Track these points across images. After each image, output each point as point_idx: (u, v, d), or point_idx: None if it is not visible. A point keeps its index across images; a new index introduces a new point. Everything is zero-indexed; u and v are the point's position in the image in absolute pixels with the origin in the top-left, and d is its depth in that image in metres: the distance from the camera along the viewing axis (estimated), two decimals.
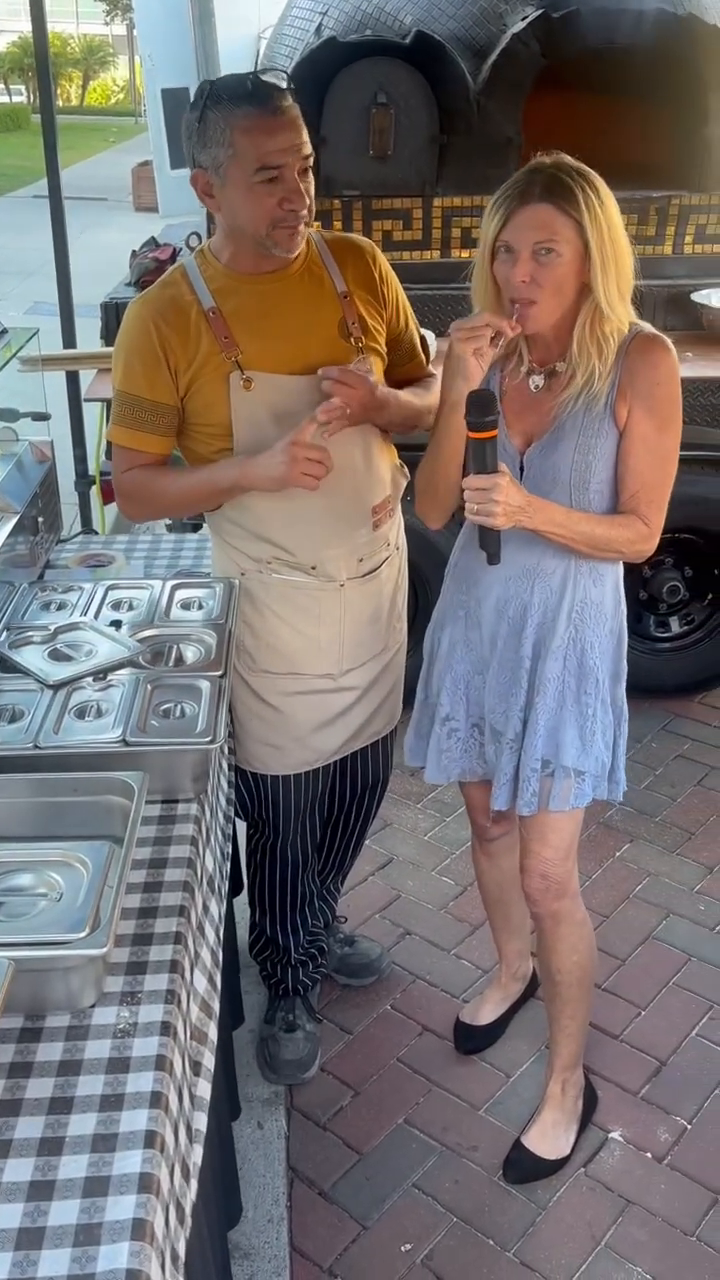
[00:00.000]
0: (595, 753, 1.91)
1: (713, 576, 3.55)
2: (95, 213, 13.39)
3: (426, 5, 3.55)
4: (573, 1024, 2.14)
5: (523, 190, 1.66)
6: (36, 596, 2.06)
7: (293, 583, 1.99)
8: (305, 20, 3.90)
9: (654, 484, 1.78)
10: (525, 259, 1.66)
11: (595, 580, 1.87)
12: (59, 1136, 1.09)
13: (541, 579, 1.86)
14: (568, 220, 1.64)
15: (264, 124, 1.70)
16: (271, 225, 1.77)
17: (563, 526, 1.74)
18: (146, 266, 3.74)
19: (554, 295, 1.68)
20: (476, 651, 1.97)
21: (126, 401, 1.89)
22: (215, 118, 1.72)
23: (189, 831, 1.55)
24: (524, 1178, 2.13)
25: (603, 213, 1.66)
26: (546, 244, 1.64)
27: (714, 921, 2.77)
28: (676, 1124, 2.24)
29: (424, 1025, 2.48)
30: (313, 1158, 2.18)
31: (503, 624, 1.91)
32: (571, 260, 1.66)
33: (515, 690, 1.91)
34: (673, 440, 1.78)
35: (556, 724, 1.89)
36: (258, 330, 1.86)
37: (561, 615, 1.86)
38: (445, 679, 2.01)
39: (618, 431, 1.76)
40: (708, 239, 3.71)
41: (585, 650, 1.88)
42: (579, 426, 1.76)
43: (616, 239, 1.68)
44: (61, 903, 1.31)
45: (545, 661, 1.87)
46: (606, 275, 1.67)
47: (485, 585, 1.91)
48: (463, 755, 2.06)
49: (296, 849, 2.25)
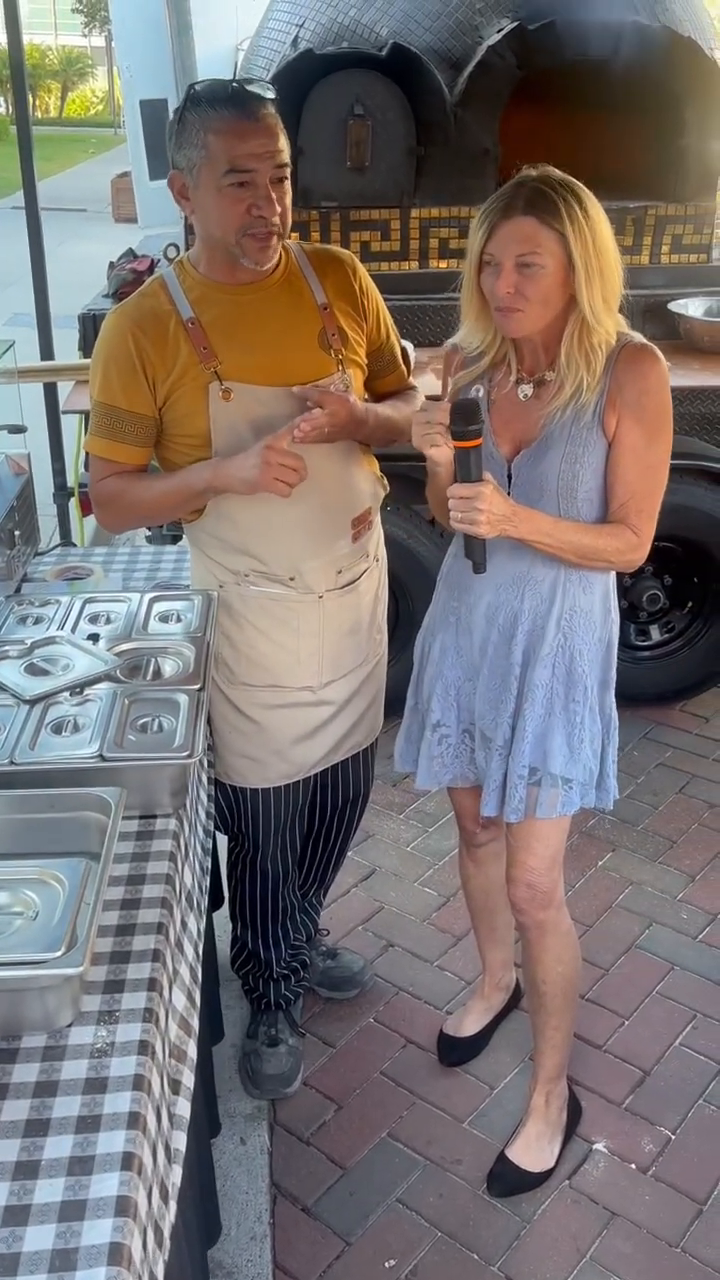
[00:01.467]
0: (583, 760, 1.92)
1: (693, 585, 3.56)
2: (74, 224, 13.38)
3: (402, 18, 3.56)
4: (557, 1035, 2.13)
5: (507, 203, 1.67)
6: (13, 610, 2.04)
7: (271, 595, 1.98)
8: (282, 32, 3.91)
9: (643, 493, 1.78)
10: (508, 271, 1.67)
11: (585, 588, 1.87)
12: (34, 1160, 1.08)
13: (531, 586, 1.86)
14: (551, 233, 1.64)
15: (237, 127, 1.70)
16: (240, 232, 1.76)
17: (550, 536, 1.74)
18: (124, 278, 3.74)
19: (539, 306, 1.69)
20: (467, 658, 1.98)
21: (104, 412, 1.88)
22: (193, 119, 1.73)
23: (167, 847, 1.53)
24: (508, 1191, 2.12)
25: (587, 225, 1.65)
26: (528, 256, 1.65)
27: (696, 930, 2.77)
28: (661, 1134, 2.23)
29: (407, 1038, 2.46)
30: (296, 1173, 2.16)
31: (493, 630, 1.91)
32: (555, 272, 1.67)
33: (505, 697, 1.91)
34: (662, 450, 1.78)
35: (544, 731, 1.90)
36: (237, 341, 1.85)
37: (551, 622, 1.86)
38: (436, 685, 2.02)
39: (606, 441, 1.76)
40: (684, 249, 3.74)
41: (574, 658, 1.88)
42: (567, 436, 1.77)
43: (603, 251, 1.68)
44: (37, 921, 1.30)
45: (534, 669, 1.88)
46: (591, 287, 1.67)
47: (476, 592, 1.92)
48: (453, 761, 2.06)
49: (277, 862, 2.23)
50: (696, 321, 3.51)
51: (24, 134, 3.73)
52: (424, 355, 3.33)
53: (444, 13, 3.54)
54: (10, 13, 3.57)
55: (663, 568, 3.53)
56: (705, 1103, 2.29)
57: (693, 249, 3.74)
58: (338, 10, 3.71)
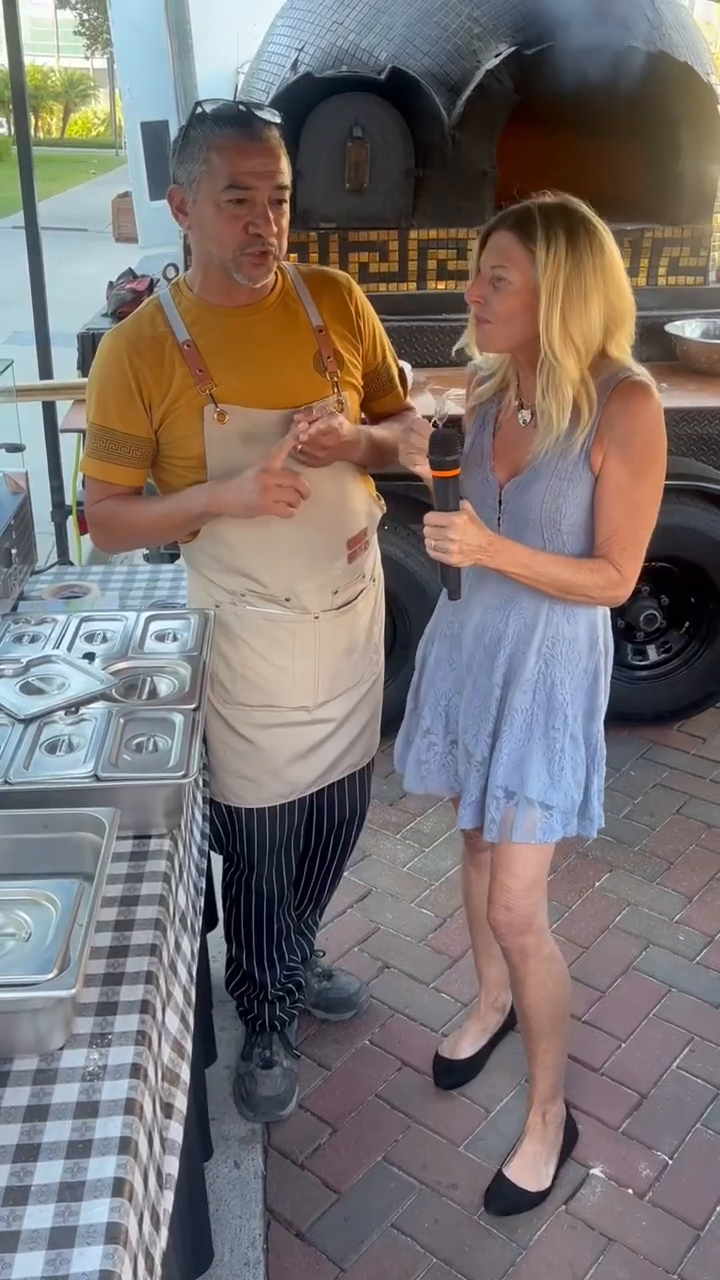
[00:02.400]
0: (564, 788, 1.91)
1: (689, 605, 3.56)
2: (75, 243, 13.43)
3: (401, 42, 3.59)
4: (548, 1057, 2.12)
5: (500, 218, 1.70)
6: (9, 629, 2.04)
7: (267, 615, 1.98)
8: (282, 56, 3.94)
9: (627, 532, 1.76)
10: (481, 280, 1.70)
11: (569, 618, 1.86)
12: (24, 1185, 1.07)
13: (517, 611, 1.86)
14: (523, 251, 1.65)
15: (240, 145, 1.72)
16: (238, 249, 1.76)
17: (526, 568, 1.74)
18: (124, 297, 3.75)
19: (503, 323, 1.70)
20: (457, 671, 2.00)
21: (100, 434, 1.89)
22: (197, 135, 1.74)
23: (161, 867, 1.53)
24: (506, 1210, 2.11)
25: (569, 254, 1.62)
26: (498, 270, 1.67)
27: (694, 952, 2.75)
28: (657, 1159, 2.21)
29: (403, 1060, 2.45)
30: (290, 1197, 2.15)
31: (479, 649, 1.92)
32: (522, 292, 1.66)
33: (485, 716, 1.93)
34: (649, 490, 1.75)
35: (523, 756, 1.90)
36: (232, 363, 1.85)
37: (531, 649, 1.86)
38: (429, 694, 2.05)
39: (593, 476, 1.75)
40: (680, 271, 3.76)
41: (554, 686, 1.87)
42: (553, 469, 1.76)
43: (585, 283, 1.64)
44: (30, 942, 1.29)
45: (514, 693, 1.88)
46: (550, 315, 1.64)
47: (469, 610, 1.93)
48: (440, 769, 2.07)
49: (272, 883, 2.22)
50: (693, 343, 3.52)
51: (25, 154, 3.76)
52: (421, 375, 3.35)
53: (442, 37, 3.57)
54: (12, 34, 3.60)
55: (660, 588, 3.53)
56: (703, 1127, 2.28)
57: (689, 271, 3.77)
58: (337, 34, 3.74)
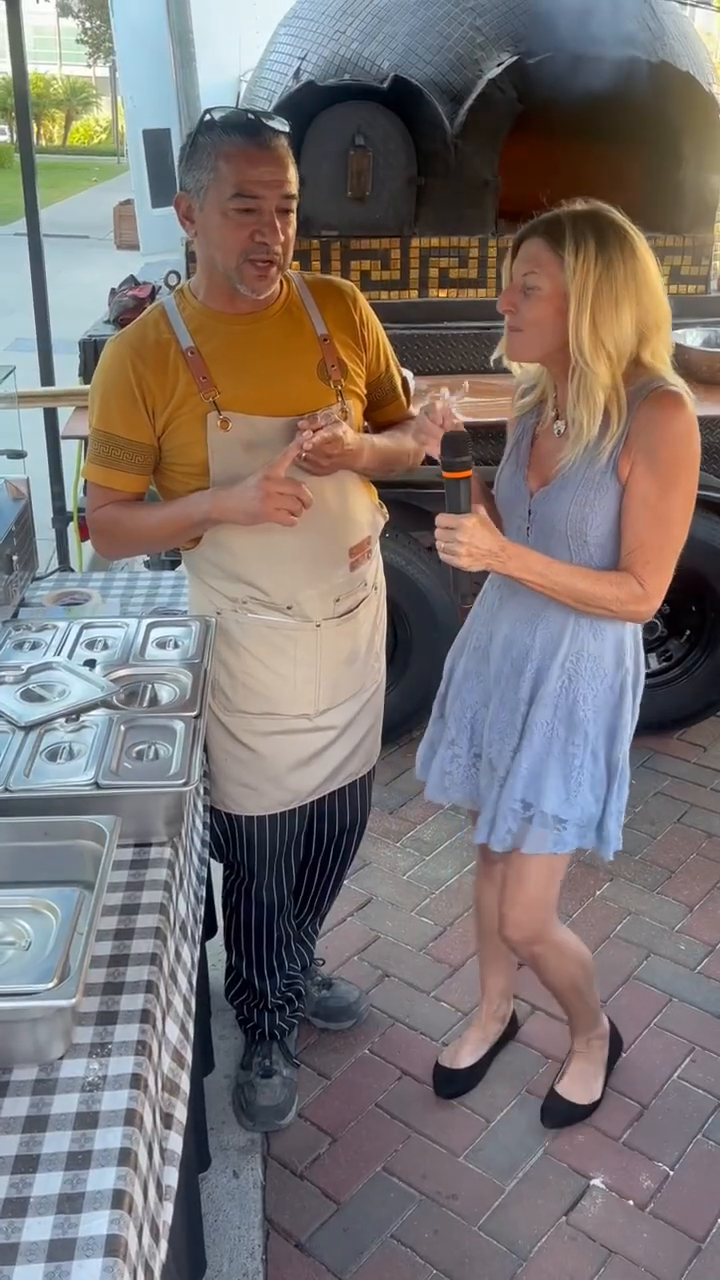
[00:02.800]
0: (581, 803, 1.90)
1: (690, 613, 3.56)
2: (77, 250, 13.46)
3: (404, 51, 3.60)
4: (581, 1009, 2.27)
5: (532, 226, 1.70)
6: (10, 635, 2.03)
7: (268, 622, 1.97)
8: (284, 64, 3.95)
9: (652, 546, 1.73)
10: (513, 288, 1.70)
11: (595, 634, 1.84)
12: (23, 1197, 1.06)
13: (544, 624, 1.85)
14: (553, 257, 1.65)
15: (248, 153, 1.72)
16: (242, 257, 1.76)
17: (541, 576, 1.72)
18: (125, 304, 3.75)
19: (534, 329, 1.69)
20: (484, 684, 2.00)
21: (102, 440, 1.88)
22: (205, 142, 1.74)
23: (162, 876, 1.52)
24: (560, 1122, 2.27)
25: (600, 261, 1.62)
26: (528, 277, 1.67)
27: (695, 961, 2.74)
28: (659, 1170, 2.20)
29: (403, 1070, 2.44)
30: (290, 1207, 2.13)
31: (506, 663, 1.92)
32: (553, 298, 1.66)
33: (510, 731, 1.93)
34: (677, 503, 1.72)
35: (541, 770, 1.89)
36: (236, 371, 1.85)
37: (555, 664, 1.85)
38: (455, 705, 2.04)
39: (620, 486, 1.73)
40: (682, 279, 3.76)
41: (576, 702, 1.86)
42: (580, 479, 1.75)
43: (609, 288, 1.63)
44: (30, 951, 1.28)
45: (538, 708, 1.88)
46: (581, 322, 1.64)
47: (497, 622, 1.93)
48: (463, 781, 2.07)
49: (272, 891, 2.22)
50: (695, 352, 3.53)
51: (27, 162, 3.76)
52: (423, 383, 3.34)
53: (445, 46, 3.58)
54: (16, 43, 3.61)
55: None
56: (704, 1138, 2.27)
57: (691, 280, 3.77)
58: (340, 43, 3.75)
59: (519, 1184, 2.17)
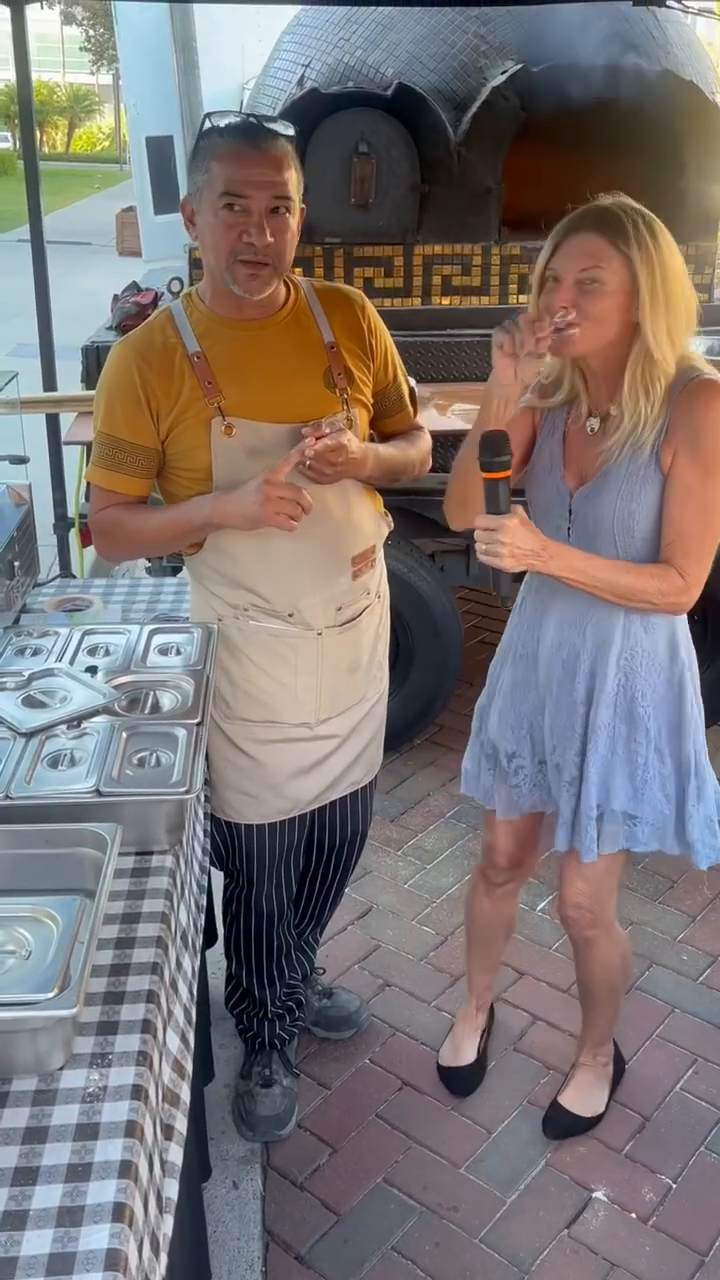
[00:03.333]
0: (650, 800, 1.90)
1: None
2: (79, 257, 13.49)
3: (408, 58, 3.60)
4: (603, 1018, 2.27)
5: (576, 221, 1.67)
6: (11, 642, 2.02)
7: (270, 630, 1.96)
8: (288, 71, 3.96)
9: (693, 535, 1.73)
10: (568, 285, 1.66)
11: (647, 629, 1.84)
12: (23, 1210, 1.05)
13: (594, 625, 1.85)
14: (616, 253, 1.64)
15: (239, 154, 1.72)
16: (231, 257, 1.76)
17: (582, 573, 1.72)
18: (128, 311, 3.75)
19: (595, 325, 1.67)
20: (537, 691, 1.98)
21: (106, 443, 1.88)
22: (203, 146, 1.76)
23: (163, 884, 1.51)
24: (562, 1134, 2.26)
25: (656, 252, 1.65)
26: (590, 271, 1.64)
27: (697, 972, 2.73)
28: (661, 1183, 2.19)
29: (404, 1080, 2.42)
30: (289, 1219, 2.12)
31: (556, 666, 1.92)
32: (616, 293, 1.65)
33: (571, 734, 1.92)
34: (718, 490, 1.72)
35: (608, 770, 1.90)
36: (241, 377, 1.85)
37: (610, 662, 1.85)
38: (509, 716, 2.02)
39: (662, 477, 1.73)
40: None
41: (635, 699, 1.87)
42: (624, 473, 1.75)
43: (671, 280, 1.66)
44: (30, 960, 1.27)
45: (598, 709, 1.87)
46: (656, 315, 1.65)
47: (544, 626, 1.92)
48: (531, 790, 2.06)
49: (272, 900, 2.20)
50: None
51: (31, 169, 3.76)
52: (426, 390, 3.34)
53: (449, 54, 3.59)
54: (20, 52, 3.61)
55: None
56: (707, 1150, 2.25)
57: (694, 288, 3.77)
58: (344, 51, 3.75)
59: (520, 1196, 2.16)
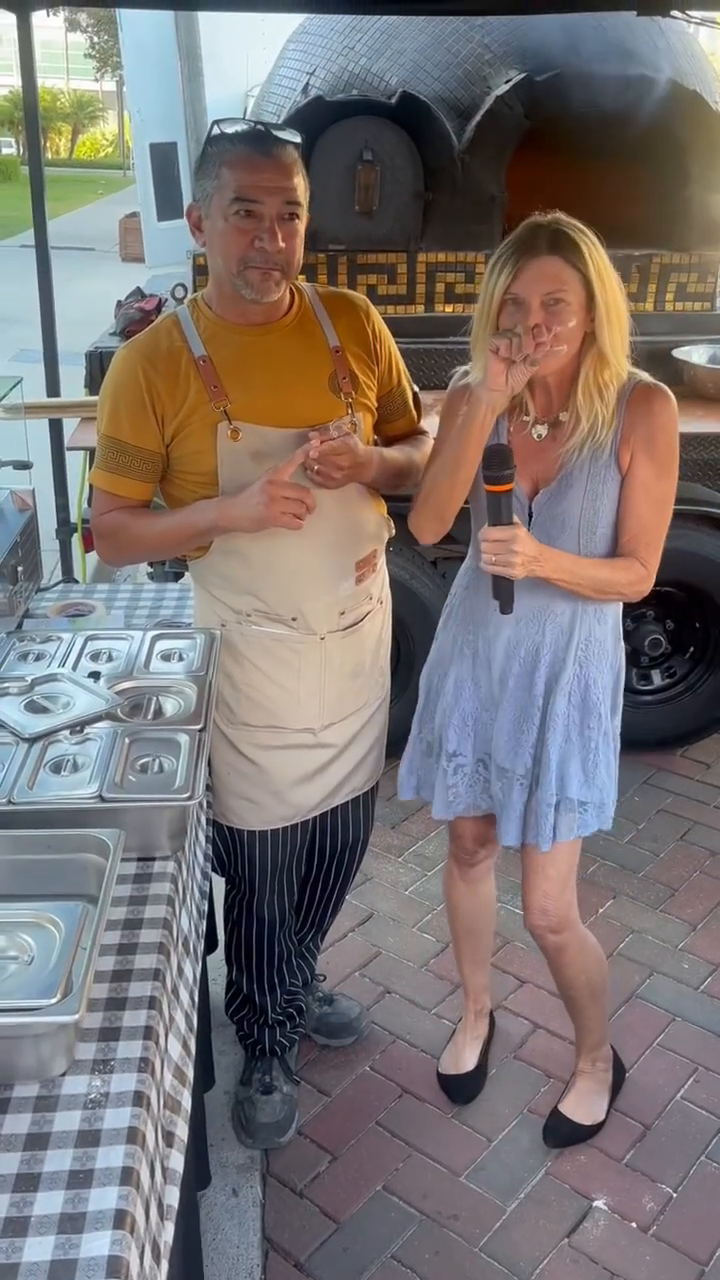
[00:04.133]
0: (598, 784, 1.99)
1: (694, 630, 3.55)
2: (82, 262, 13.52)
3: (412, 67, 3.61)
4: (591, 1020, 2.27)
5: (529, 245, 1.72)
6: (14, 647, 2.02)
7: (273, 635, 1.96)
8: (293, 79, 3.97)
9: (652, 527, 1.85)
10: (536, 308, 1.71)
11: (599, 620, 1.94)
12: (24, 1216, 1.04)
13: (552, 620, 1.92)
14: (574, 272, 1.71)
15: (250, 161, 1.73)
16: (242, 264, 1.77)
17: (571, 573, 1.81)
18: (132, 316, 3.76)
19: (568, 342, 1.75)
20: (485, 689, 2.02)
21: (110, 446, 1.88)
22: (212, 152, 1.76)
23: (165, 890, 1.51)
24: (563, 1142, 2.27)
25: (604, 265, 1.74)
26: (556, 294, 1.70)
27: (698, 981, 2.73)
28: (662, 1192, 2.18)
29: (404, 1087, 2.42)
30: (289, 1226, 2.11)
31: (513, 664, 1.96)
32: (578, 310, 1.73)
33: (527, 728, 1.97)
34: (670, 485, 1.85)
35: (564, 758, 1.96)
36: (247, 381, 1.85)
37: (570, 654, 1.92)
38: (453, 716, 2.05)
39: (620, 476, 1.83)
40: (688, 296, 3.77)
41: (589, 686, 1.95)
42: (586, 474, 1.83)
43: (613, 291, 1.75)
44: (33, 966, 1.27)
45: (555, 700, 1.93)
46: (611, 324, 1.74)
47: (495, 626, 1.96)
48: (468, 791, 2.09)
49: (274, 906, 2.20)
50: (700, 368, 3.53)
51: (36, 175, 3.77)
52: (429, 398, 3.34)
53: (453, 63, 3.60)
54: (26, 59, 3.62)
55: (665, 613, 3.52)
56: (707, 1160, 2.25)
57: (697, 297, 3.78)
58: (348, 59, 3.76)
59: (521, 1205, 2.15)
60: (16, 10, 3.48)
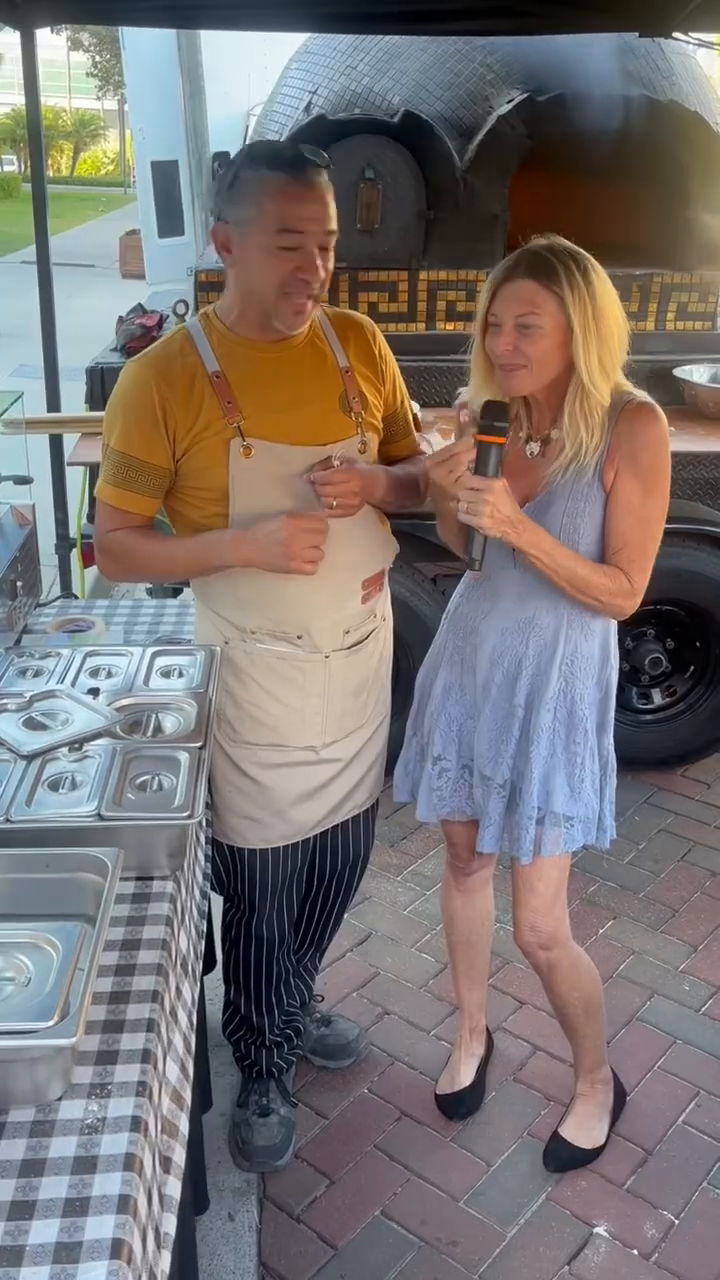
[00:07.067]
0: (585, 799, 1.97)
1: (695, 649, 3.54)
2: (82, 279, 13.56)
3: (414, 86, 3.63)
4: (587, 1040, 2.25)
5: (510, 268, 1.75)
6: (13, 663, 2.01)
7: (278, 653, 1.95)
8: (295, 98, 3.99)
9: (636, 544, 1.84)
10: (509, 330, 1.74)
11: (586, 635, 1.93)
12: (19, 1245, 1.02)
13: (536, 632, 1.92)
14: (550, 296, 1.71)
15: (294, 192, 1.72)
16: (280, 292, 1.76)
17: (548, 555, 1.79)
18: (133, 332, 3.76)
19: (538, 365, 1.76)
20: (470, 696, 2.02)
21: (120, 460, 1.86)
22: (249, 178, 1.74)
23: (164, 911, 1.49)
24: (563, 1166, 2.24)
25: (588, 291, 1.72)
26: (527, 317, 1.72)
27: (699, 1003, 2.70)
28: (664, 1218, 2.15)
29: (402, 1110, 2.39)
30: (285, 1252, 2.08)
31: (496, 673, 1.96)
32: (554, 333, 1.73)
33: (506, 738, 1.96)
34: (657, 505, 1.84)
35: (548, 772, 1.94)
36: (261, 398, 1.84)
37: (554, 668, 1.91)
38: (439, 720, 2.06)
39: (604, 494, 1.82)
40: (689, 316, 3.77)
41: (575, 701, 1.94)
42: (568, 492, 1.83)
43: (603, 315, 1.73)
44: (30, 988, 1.25)
45: (538, 713, 1.92)
46: (588, 351, 1.73)
47: (481, 634, 1.97)
48: (452, 795, 2.09)
49: (273, 926, 2.18)
50: (701, 388, 3.53)
51: (39, 191, 3.78)
52: (430, 415, 3.35)
53: (455, 83, 3.61)
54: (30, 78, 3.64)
55: (665, 631, 3.51)
56: (709, 1185, 2.22)
57: (697, 316, 3.78)
58: (351, 78, 3.78)
59: (520, 1231, 2.13)
60: (21, 28, 3.50)
